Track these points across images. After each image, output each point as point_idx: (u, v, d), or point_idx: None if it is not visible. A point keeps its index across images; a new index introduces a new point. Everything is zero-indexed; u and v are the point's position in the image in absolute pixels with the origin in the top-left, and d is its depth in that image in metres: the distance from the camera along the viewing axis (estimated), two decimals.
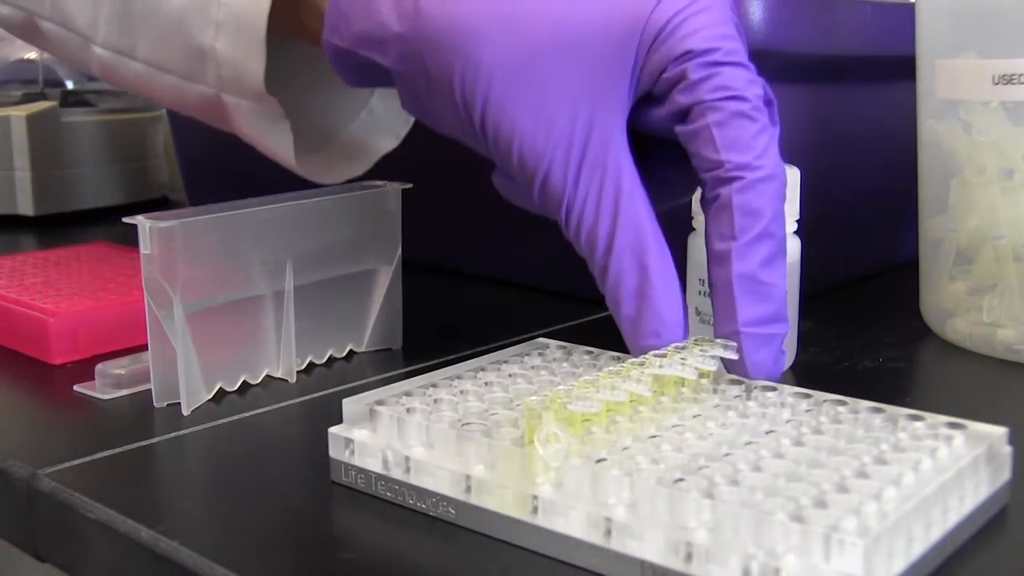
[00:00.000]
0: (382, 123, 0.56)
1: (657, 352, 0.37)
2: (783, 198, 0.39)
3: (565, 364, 0.41)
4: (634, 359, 0.37)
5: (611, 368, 0.36)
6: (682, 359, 0.37)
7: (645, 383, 0.35)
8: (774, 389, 0.37)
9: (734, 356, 0.38)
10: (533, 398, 0.33)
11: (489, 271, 0.66)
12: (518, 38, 0.40)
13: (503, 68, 0.40)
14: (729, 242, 0.38)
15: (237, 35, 0.48)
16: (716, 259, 0.39)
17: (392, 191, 0.51)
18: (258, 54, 0.47)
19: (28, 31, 0.58)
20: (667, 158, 0.42)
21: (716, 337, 0.38)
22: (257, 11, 0.47)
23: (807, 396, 0.37)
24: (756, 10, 0.52)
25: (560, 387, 0.34)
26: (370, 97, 0.56)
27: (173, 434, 0.41)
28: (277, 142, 0.51)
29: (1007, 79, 0.47)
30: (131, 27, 0.52)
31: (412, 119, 0.55)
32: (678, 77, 0.39)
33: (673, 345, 0.38)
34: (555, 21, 0.40)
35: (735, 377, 0.39)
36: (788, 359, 0.48)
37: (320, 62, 0.53)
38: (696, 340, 0.38)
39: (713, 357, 0.37)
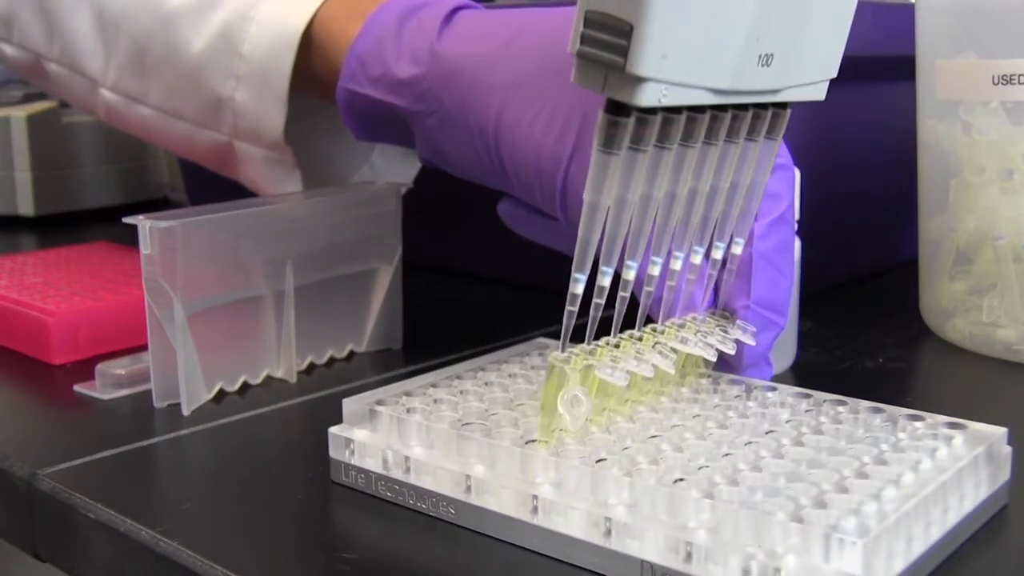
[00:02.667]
0: (382, 178, 0.58)
1: (675, 321, 0.37)
2: (794, 190, 0.40)
3: None
4: (653, 327, 0.37)
5: (632, 333, 0.36)
6: (704, 337, 0.37)
7: (670, 359, 0.35)
8: (774, 389, 0.38)
9: (751, 342, 0.38)
10: (558, 354, 0.33)
11: (489, 271, 0.66)
12: (522, 61, 0.41)
13: (512, 88, 0.41)
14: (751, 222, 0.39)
15: (260, 89, 0.49)
16: None
17: (392, 191, 0.51)
18: (279, 108, 0.49)
19: (34, 73, 0.59)
20: None
21: (725, 310, 0.39)
22: (280, 67, 0.48)
23: (807, 396, 0.37)
24: None
25: (582, 347, 0.34)
26: (371, 152, 0.57)
27: (173, 434, 0.41)
28: (285, 189, 0.53)
29: (1007, 79, 0.47)
30: (144, 73, 0.53)
31: (412, 174, 0.58)
32: None
33: (691, 316, 0.38)
34: (556, 38, 0.41)
35: (735, 377, 0.39)
36: (788, 359, 0.48)
37: (325, 117, 0.54)
38: (713, 313, 0.39)
39: (732, 340, 0.38)
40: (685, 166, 0.34)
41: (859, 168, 0.62)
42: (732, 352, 0.38)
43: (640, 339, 0.36)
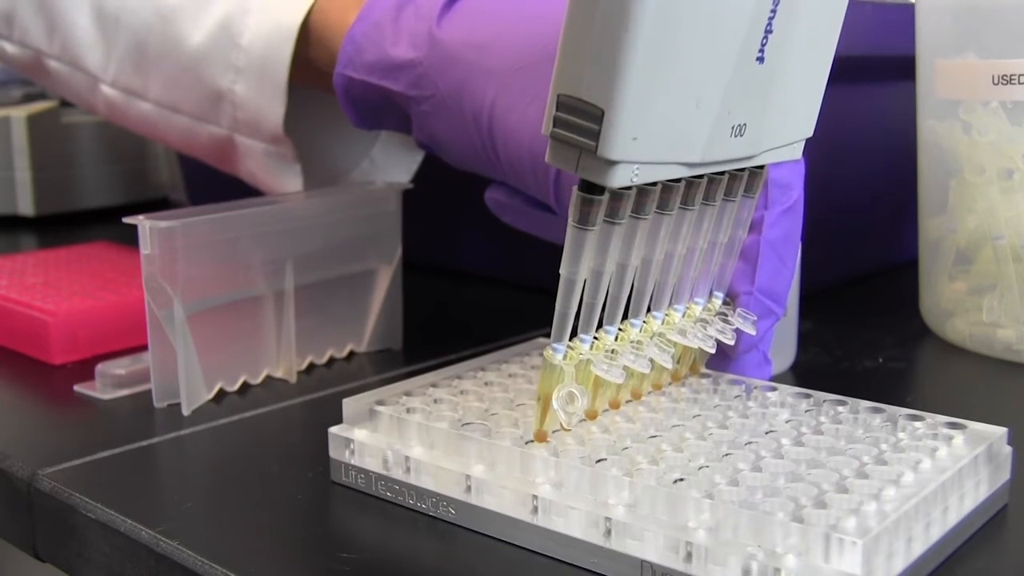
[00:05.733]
0: (383, 172, 0.58)
1: (674, 308, 0.37)
2: (803, 180, 0.40)
3: None
4: (654, 314, 0.37)
5: (632, 321, 0.35)
6: (703, 327, 0.37)
7: (667, 351, 0.35)
8: (774, 389, 0.38)
9: (752, 331, 0.38)
10: (554, 347, 0.33)
11: (489, 271, 0.66)
12: (519, 47, 0.41)
13: (508, 74, 0.41)
14: (762, 211, 0.39)
15: (259, 80, 0.49)
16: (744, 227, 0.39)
17: (392, 191, 0.51)
18: (279, 98, 0.49)
19: (34, 70, 0.60)
20: None
21: (726, 295, 0.39)
22: (279, 57, 0.48)
23: (807, 396, 0.37)
24: None
25: (581, 336, 0.33)
26: (372, 146, 0.58)
27: (173, 434, 0.41)
28: (286, 182, 0.53)
29: (1007, 79, 0.47)
30: (145, 68, 0.53)
31: (412, 168, 0.58)
32: None
33: (690, 303, 0.38)
34: (555, 24, 0.41)
35: (735, 377, 0.39)
36: (788, 359, 0.48)
37: (325, 111, 0.54)
38: (715, 299, 0.38)
39: (733, 329, 0.37)
40: (661, 233, 0.34)
41: (859, 168, 0.62)
42: (731, 342, 0.38)
43: (640, 331, 0.35)
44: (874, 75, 0.61)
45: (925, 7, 0.52)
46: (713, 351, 0.37)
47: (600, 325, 0.34)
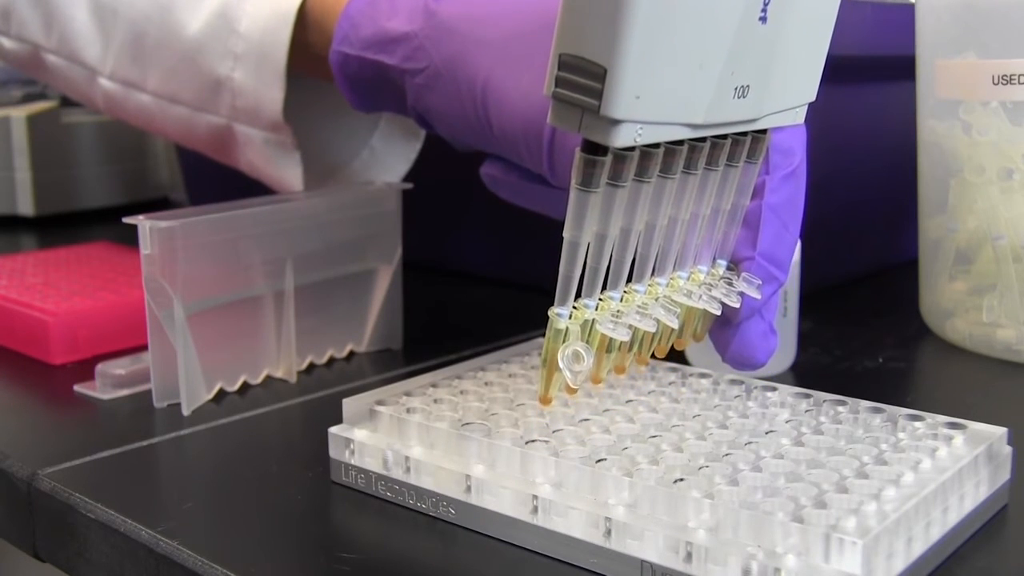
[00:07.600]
0: (383, 161, 0.58)
1: (679, 275, 0.37)
2: (806, 145, 0.40)
3: None
4: (658, 280, 0.36)
5: (636, 287, 0.35)
6: (708, 289, 0.36)
7: (673, 312, 0.35)
8: (774, 389, 0.38)
9: (757, 295, 0.37)
10: (558, 312, 0.32)
11: (489, 271, 0.66)
12: (515, 19, 0.41)
13: (503, 44, 0.41)
14: (763, 176, 0.38)
15: (257, 66, 0.49)
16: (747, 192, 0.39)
17: (392, 191, 0.51)
18: (278, 84, 0.49)
19: (32, 65, 0.60)
20: None
21: (729, 262, 0.38)
22: (277, 42, 0.48)
23: (807, 396, 0.37)
24: None
25: (585, 302, 0.33)
26: (371, 136, 0.57)
27: (173, 434, 0.41)
28: (286, 171, 0.52)
29: (1007, 79, 0.47)
30: (143, 58, 0.53)
31: (411, 157, 0.57)
32: None
33: (697, 268, 0.38)
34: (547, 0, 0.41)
35: (735, 377, 0.39)
36: (788, 359, 0.48)
37: (323, 101, 0.54)
38: (718, 265, 0.38)
39: (737, 292, 0.37)
40: (665, 197, 0.34)
41: (859, 168, 0.62)
42: (736, 305, 0.37)
43: (645, 292, 0.35)
44: (874, 75, 0.61)
45: (925, 7, 0.52)
46: (718, 312, 0.36)
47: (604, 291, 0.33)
